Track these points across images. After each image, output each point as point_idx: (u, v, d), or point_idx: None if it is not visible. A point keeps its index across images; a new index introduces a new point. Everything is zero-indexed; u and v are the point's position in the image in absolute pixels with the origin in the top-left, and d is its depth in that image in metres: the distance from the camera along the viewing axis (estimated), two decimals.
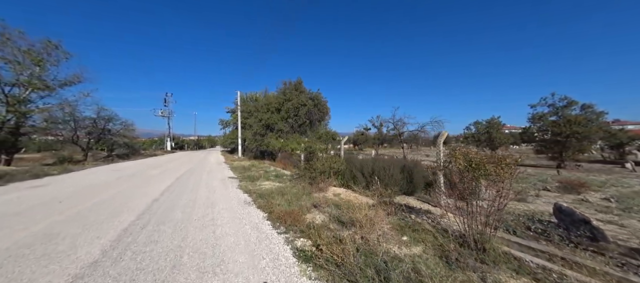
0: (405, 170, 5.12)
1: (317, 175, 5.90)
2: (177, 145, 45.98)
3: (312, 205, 4.55)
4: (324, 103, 17.15)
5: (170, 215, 3.83)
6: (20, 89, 12.05)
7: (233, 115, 27.41)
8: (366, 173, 5.35)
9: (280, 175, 8.70)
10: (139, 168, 11.65)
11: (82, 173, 9.82)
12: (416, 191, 5.01)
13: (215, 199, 4.96)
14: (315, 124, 17.85)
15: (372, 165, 5.46)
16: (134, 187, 6.29)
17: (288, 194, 5.12)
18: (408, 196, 4.98)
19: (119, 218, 3.63)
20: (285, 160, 12.90)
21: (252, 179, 7.78)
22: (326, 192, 5.80)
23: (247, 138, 18.20)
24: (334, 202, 4.69)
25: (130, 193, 5.45)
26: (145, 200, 4.76)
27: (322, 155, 6.50)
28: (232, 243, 2.78)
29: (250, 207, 4.38)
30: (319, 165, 5.95)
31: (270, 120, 15.53)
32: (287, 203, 4.51)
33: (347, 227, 3.39)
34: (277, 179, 7.95)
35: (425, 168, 5.12)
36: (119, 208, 4.19)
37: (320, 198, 5.26)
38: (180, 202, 4.72)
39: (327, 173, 6.00)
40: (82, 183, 7.04)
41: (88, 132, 18.21)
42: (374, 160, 5.94)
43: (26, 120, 12.49)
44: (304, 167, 6.41)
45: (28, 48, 11.74)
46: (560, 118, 12.64)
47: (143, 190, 5.84)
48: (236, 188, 6.27)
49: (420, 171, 5.08)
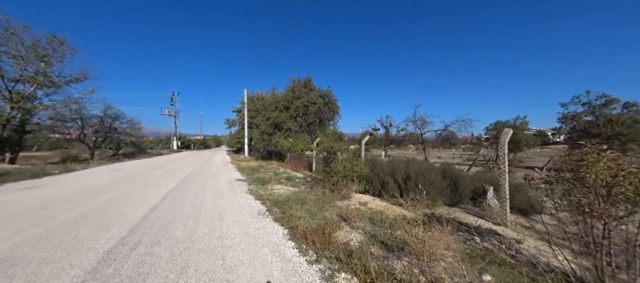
0: (448, 176, 4.27)
1: (339, 179, 5.11)
2: (183, 144, 46.05)
3: (340, 217, 3.76)
4: (334, 101, 16.34)
5: (169, 230, 3.10)
6: (25, 85, 11.74)
7: (239, 114, 26.91)
8: (399, 178, 4.52)
9: (292, 178, 7.95)
10: (142, 168, 11.13)
11: (83, 173, 9.32)
12: (462, 202, 4.15)
13: (223, 208, 4.24)
14: (325, 124, 17.05)
15: (405, 169, 4.62)
16: (133, 191, 5.65)
17: (307, 202, 4.34)
18: (452, 207, 4.13)
19: (107, 233, 2.93)
20: (295, 161, 12.17)
21: (263, 182, 7.05)
22: (350, 200, 5.00)
23: (253, 137, 17.57)
24: (364, 214, 3.89)
25: (127, 199, 4.79)
26: (143, 209, 4.07)
27: (343, 156, 5.72)
28: (249, 279, 2.02)
29: (265, 220, 3.62)
30: (340, 168, 5.15)
31: (279, 119, 14.82)
32: (309, 215, 3.74)
33: (394, 252, 2.59)
34: (289, 183, 7.20)
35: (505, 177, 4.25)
36: (110, 218, 3.51)
37: (345, 207, 4.46)
38: (183, 211, 4.01)
39: (350, 177, 5.20)
40: (79, 185, 6.47)
41: (95, 130, 18.00)
42: (407, 162, 5.10)
43: (31, 117, 12.18)
44: (322, 170, 5.63)
45: (33, 43, 11.41)
46: (598, 117, 11.44)
47: (142, 195, 5.18)
48: (246, 193, 5.55)
49: (467, 177, 4.22)
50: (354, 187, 5.30)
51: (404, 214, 4.00)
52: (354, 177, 5.26)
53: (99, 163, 13.89)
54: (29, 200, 4.61)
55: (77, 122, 16.53)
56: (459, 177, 4.22)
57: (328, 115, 16.21)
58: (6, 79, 10.91)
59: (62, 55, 12.56)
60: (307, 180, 7.94)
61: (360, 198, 5.09)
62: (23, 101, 11.48)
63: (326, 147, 6.11)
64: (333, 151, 5.75)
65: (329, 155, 6.10)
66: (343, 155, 5.71)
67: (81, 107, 15.47)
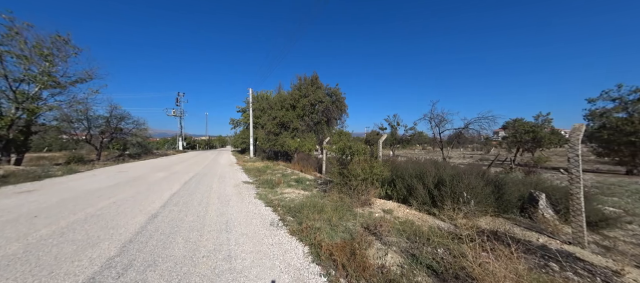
0: (492, 180, 3.65)
1: (358, 183, 4.54)
2: (188, 144, 46.22)
3: (366, 229, 3.20)
4: (342, 99, 15.76)
5: (168, 246, 2.61)
6: (30, 85, 11.58)
7: (244, 114, 26.62)
8: (429, 182, 3.93)
9: (301, 180, 7.44)
10: (146, 169, 10.80)
11: (85, 175, 9.02)
12: (507, 211, 3.53)
13: (231, 217, 3.73)
14: (332, 123, 16.49)
15: (436, 172, 4.02)
16: (133, 196, 5.22)
17: (325, 210, 3.80)
18: (495, 218, 3.51)
19: (93, 251, 2.46)
20: (302, 161, 11.65)
21: (271, 185, 6.55)
22: (371, 207, 4.44)
23: (259, 137, 17.16)
24: (392, 225, 3.32)
25: (125, 205, 4.35)
26: (140, 218, 3.61)
27: (360, 157, 5.15)
28: None
29: (279, 233, 3.09)
30: (359, 171, 4.59)
31: (285, 118, 14.33)
32: (329, 226, 3.20)
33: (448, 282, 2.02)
34: (299, 185, 6.68)
35: None
36: (102, 230, 3.05)
37: (368, 215, 3.90)
38: (185, 220, 3.53)
39: (370, 180, 4.63)
40: (77, 189, 6.09)
41: (101, 131, 17.93)
42: (435, 164, 4.49)
43: (36, 118, 12.02)
44: (337, 173, 5.08)
45: (37, 42, 11.23)
46: (632, 114, 10.52)
47: (142, 201, 4.73)
48: (254, 198, 5.05)
49: (512, 182, 3.59)
50: (374, 192, 4.74)
51: (439, 226, 3.41)
52: (374, 181, 4.69)
53: (104, 164, 13.71)
54: (20, 207, 4.21)
55: (83, 123, 16.47)
56: (503, 181, 3.59)
57: (335, 114, 15.64)
58: (10, 79, 10.74)
59: (66, 54, 12.37)
60: (319, 183, 7.41)
61: (383, 205, 4.52)
62: (28, 101, 11.31)
63: (342, 147, 5.54)
64: (351, 152, 5.18)
65: (344, 156, 5.52)
66: (361, 156, 5.14)
67: (87, 108, 15.37)
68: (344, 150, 5.39)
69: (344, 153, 5.45)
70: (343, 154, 5.58)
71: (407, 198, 4.36)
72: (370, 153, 5.70)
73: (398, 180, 4.58)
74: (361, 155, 5.19)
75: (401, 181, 4.48)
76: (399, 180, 4.52)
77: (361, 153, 5.20)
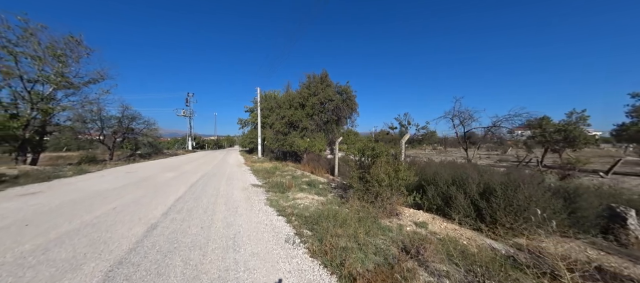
0: (559, 191, 2.95)
1: (382, 190, 3.94)
2: (198, 144, 46.91)
3: (402, 250, 2.60)
4: (353, 98, 15.07)
5: (163, 272, 2.13)
6: (44, 86, 11.73)
7: (252, 114, 26.46)
8: (473, 191, 3.27)
9: (314, 184, 6.89)
10: (154, 170, 10.62)
11: (94, 175, 8.89)
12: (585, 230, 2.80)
13: (239, 229, 3.24)
14: (342, 122, 15.85)
15: (480, 178, 3.34)
16: (137, 199, 4.86)
17: (347, 222, 3.23)
18: (564, 238, 2.81)
19: (74, 276, 2.00)
20: (313, 162, 11.12)
21: (282, 189, 6.05)
22: (400, 218, 3.82)
23: (267, 137, 16.80)
24: (430, 242, 2.70)
25: (125, 212, 3.95)
26: (138, 229, 3.17)
27: (382, 160, 4.54)
28: None
29: (297, 253, 2.55)
30: (383, 176, 3.98)
31: (294, 117, 13.83)
32: (356, 244, 2.63)
33: None
34: (313, 190, 6.14)
35: None
36: (92, 246, 2.62)
37: (397, 229, 3.29)
38: (188, 232, 3.06)
39: (396, 187, 4.01)
40: (82, 190, 5.83)
41: (114, 131, 18.19)
42: (475, 168, 3.81)
43: (50, 118, 12.18)
44: (357, 177, 4.48)
45: (51, 43, 11.33)
46: None
47: (144, 207, 4.34)
48: (265, 205, 4.54)
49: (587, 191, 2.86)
50: (401, 200, 4.11)
51: (493, 247, 2.76)
52: (400, 187, 4.07)
53: (115, 164, 13.75)
54: (17, 211, 3.91)
55: (96, 123, 16.72)
56: (576, 192, 2.87)
57: (346, 113, 14.98)
58: (25, 79, 10.87)
59: (78, 55, 12.46)
60: (332, 187, 6.84)
61: (413, 216, 3.89)
62: (42, 102, 11.43)
63: (361, 148, 4.94)
64: (374, 154, 4.57)
65: (363, 158, 4.91)
66: (384, 158, 4.52)
67: (100, 108, 15.57)
68: (363, 152, 4.80)
69: (363, 154, 4.85)
70: (362, 156, 4.98)
71: (441, 208, 3.71)
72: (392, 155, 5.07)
73: (430, 187, 3.94)
74: (384, 157, 4.57)
75: (434, 188, 3.83)
76: (431, 187, 3.87)
77: (384, 155, 4.58)
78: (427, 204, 3.96)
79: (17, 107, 11.04)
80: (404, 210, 4.08)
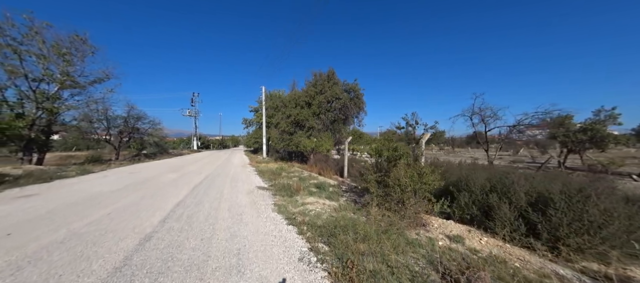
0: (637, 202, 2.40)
1: (407, 196, 3.44)
2: (203, 144, 47.10)
3: (446, 275, 2.10)
4: (360, 96, 14.53)
5: None
6: (50, 85, 11.65)
7: (256, 114, 26.20)
8: (521, 201, 2.73)
9: (323, 186, 6.41)
10: (157, 170, 10.36)
11: (96, 176, 8.65)
12: None
13: (244, 242, 2.80)
14: (350, 121, 15.33)
15: (530, 185, 2.79)
16: (135, 203, 4.50)
17: (368, 235, 2.74)
18: None
19: None
20: (320, 163, 10.66)
21: (290, 192, 5.60)
22: (427, 229, 3.31)
23: (272, 137, 16.42)
24: (476, 264, 2.18)
25: (119, 219, 3.58)
26: (129, 242, 2.77)
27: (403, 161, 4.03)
28: None
29: (315, 276, 2.08)
30: (407, 180, 3.48)
31: (300, 117, 13.39)
32: (384, 266, 2.15)
33: None
34: (322, 193, 5.67)
35: None
36: (73, 263, 2.22)
37: (427, 244, 2.79)
38: (185, 246, 2.64)
39: (421, 193, 3.51)
40: (80, 193, 5.53)
41: (120, 130, 18.18)
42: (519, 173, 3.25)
43: (55, 117, 12.10)
44: (376, 181, 3.99)
45: (56, 42, 11.23)
46: None
47: (142, 212, 3.96)
48: (272, 212, 4.10)
49: None
50: (426, 207, 3.60)
51: (556, 271, 2.22)
52: (425, 193, 3.56)
53: (120, 164, 13.63)
54: (5, 218, 3.58)
55: (103, 123, 16.71)
56: None
57: (354, 111, 14.46)
58: (30, 78, 10.79)
59: (84, 53, 12.35)
60: (343, 190, 6.36)
61: (443, 227, 3.37)
62: (48, 101, 11.34)
63: (378, 148, 4.44)
64: (396, 155, 4.06)
65: (381, 160, 4.40)
66: (405, 159, 4.01)
67: (106, 108, 15.53)
68: (380, 152, 4.29)
69: (379, 155, 4.34)
70: (379, 157, 4.47)
71: (477, 219, 3.18)
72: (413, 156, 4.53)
73: (461, 193, 3.41)
74: (405, 158, 4.06)
75: (467, 195, 3.30)
76: (464, 194, 3.34)
77: (406, 157, 4.06)
78: (459, 213, 3.43)
79: (23, 106, 10.97)
80: (431, 220, 3.56)
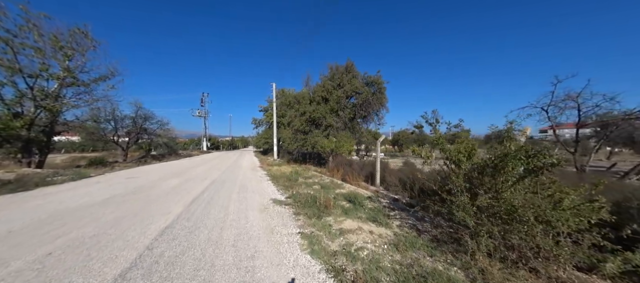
0: None
1: (532, 234, 1.84)
2: (213, 145, 46.84)
3: None
4: (383, 90, 12.86)
5: None
6: (49, 82, 10.89)
7: (266, 113, 25.03)
8: None
9: (356, 199, 4.86)
10: (159, 174, 9.22)
11: (89, 181, 7.59)
12: None
13: None
14: (370, 118, 13.66)
15: None
16: (112, 225, 3.18)
17: None
18: None
19: None
20: (342, 167, 9.11)
21: (316, 209, 4.11)
22: None
23: (284, 137, 15.07)
24: None
25: (68, 260, 2.23)
26: None
27: (510, 170, 2.44)
28: None
29: None
30: (550, 213, 1.89)
31: (316, 114, 11.92)
32: None
33: None
34: (360, 210, 4.15)
35: None
36: None
37: None
38: None
39: (566, 232, 1.90)
40: (58, 205, 4.33)
41: (127, 131, 17.52)
42: None
43: (57, 117, 11.33)
44: (471, 206, 2.42)
45: (54, 35, 10.41)
46: None
47: (105, 249, 2.61)
48: (301, 251, 2.63)
49: None
50: (556, 253, 1.98)
51: None
52: (571, 230, 1.94)
53: (125, 166, 12.73)
54: None
55: (110, 123, 16.05)
56: None
57: (376, 107, 12.80)
58: (26, 74, 9.99)
59: (85, 48, 11.53)
60: (385, 204, 4.77)
61: None
62: (48, 99, 10.53)
63: (466, 150, 2.84)
64: (504, 163, 2.37)
65: (473, 172, 2.78)
66: (515, 169, 2.42)
67: (114, 107, 14.82)
68: (455, 159, 2.67)
69: (454, 163, 2.72)
70: (454, 165, 2.87)
71: None
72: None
73: None
74: (517, 167, 2.42)
75: None
76: None
77: (518, 165, 2.42)
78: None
79: (22, 104, 10.21)
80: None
